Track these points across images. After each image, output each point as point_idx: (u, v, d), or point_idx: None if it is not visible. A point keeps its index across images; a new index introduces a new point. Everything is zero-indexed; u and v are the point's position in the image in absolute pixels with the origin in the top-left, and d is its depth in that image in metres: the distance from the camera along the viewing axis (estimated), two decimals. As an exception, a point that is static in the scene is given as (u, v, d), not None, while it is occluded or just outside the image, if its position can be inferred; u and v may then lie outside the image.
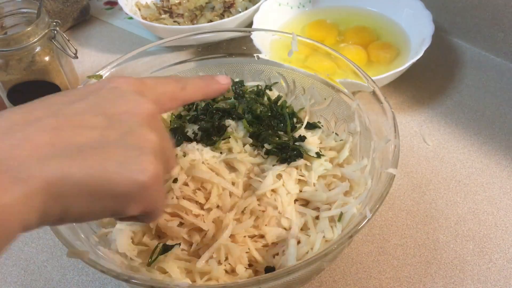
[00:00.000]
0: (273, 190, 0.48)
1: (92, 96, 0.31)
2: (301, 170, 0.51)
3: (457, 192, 0.60)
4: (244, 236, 0.47)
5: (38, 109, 0.29)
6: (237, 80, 0.59)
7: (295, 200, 0.50)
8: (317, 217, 0.49)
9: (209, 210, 0.48)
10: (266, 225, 0.47)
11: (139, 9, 0.89)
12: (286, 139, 0.53)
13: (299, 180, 0.50)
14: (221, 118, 0.55)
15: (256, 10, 0.80)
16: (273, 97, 0.59)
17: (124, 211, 0.29)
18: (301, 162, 0.50)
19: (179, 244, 0.47)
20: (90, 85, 0.34)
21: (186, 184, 0.48)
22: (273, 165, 0.50)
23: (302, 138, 0.52)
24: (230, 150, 0.52)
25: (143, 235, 0.48)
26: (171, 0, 0.91)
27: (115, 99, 0.31)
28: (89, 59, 0.87)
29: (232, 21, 0.80)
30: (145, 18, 0.87)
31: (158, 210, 0.31)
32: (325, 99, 0.58)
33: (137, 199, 0.29)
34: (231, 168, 0.51)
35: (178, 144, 0.52)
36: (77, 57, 0.71)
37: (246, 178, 0.50)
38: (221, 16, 0.86)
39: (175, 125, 0.55)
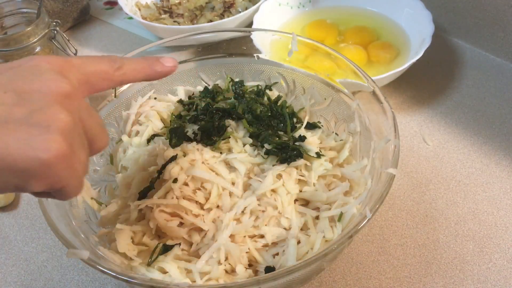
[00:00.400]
0: (273, 190, 0.48)
1: (8, 73, 0.31)
2: (301, 170, 0.51)
3: (457, 192, 0.60)
4: (244, 236, 0.47)
5: None
6: (237, 80, 0.59)
7: (295, 200, 0.50)
8: (317, 217, 0.49)
9: (209, 210, 0.48)
10: (266, 225, 0.47)
11: (139, 9, 0.89)
12: (286, 139, 0.53)
13: (299, 180, 0.50)
14: (221, 118, 0.55)
15: (256, 10, 0.80)
16: (273, 97, 0.59)
17: (26, 187, 0.30)
18: (301, 162, 0.50)
19: (179, 244, 0.47)
20: (10, 62, 0.33)
21: (186, 184, 0.48)
22: (273, 165, 0.50)
23: (302, 138, 0.52)
24: (230, 150, 0.52)
25: (143, 235, 0.48)
26: (171, 0, 0.91)
27: (30, 77, 0.31)
28: (89, 59, 0.87)
29: (232, 21, 0.80)
30: (145, 18, 0.87)
31: (69, 188, 0.31)
32: (325, 99, 0.58)
33: (38, 176, 0.29)
34: (231, 168, 0.51)
35: (178, 144, 0.52)
36: (77, 57, 0.71)
37: (246, 178, 0.50)
38: (221, 16, 0.86)
39: (175, 125, 0.55)
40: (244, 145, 0.52)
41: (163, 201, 0.47)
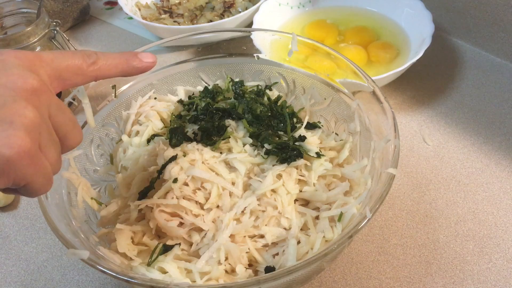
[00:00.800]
0: (273, 190, 0.48)
1: None
2: (301, 170, 0.51)
3: (457, 192, 0.60)
4: (244, 236, 0.47)
5: None
6: (237, 80, 0.59)
7: (295, 200, 0.50)
8: (317, 217, 0.49)
9: (209, 210, 0.48)
10: (266, 225, 0.47)
11: (139, 9, 0.89)
12: (286, 139, 0.53)
13: (299, 180, 0.50)
14: (221, 118, 0.55)
15: (256, 10, 0.80)
16: (273, 97, 0.59)
17: None
18: (301, 162, 0.50)
19: (179, 244, 0.47)
20: None
21: (186, 184, 0.48)
22: (273, 165, 0.50)
23: (302, 138, 0.52)
24: (230, 150, 0.52)
25: (143, 235, 0.48)
26: (171, 0, 0.91)
27: None
28: (89, 59, 0.87)
29: (232, 21, 0.80)
30: (145, 18, 0.87)
31: (35, 185, 0.31)
32: (325, 99, 0.58)
33: (0, 173, 0.29)
34: (231, 168, 0.51)
35: (178, 144, 0.52)
36: (77, 57, 0.71)
37: (246, 178, 0.50)
38: (221, 16, 0.86)
39: (175, 125, 0.55)
40: (244, 145, 0.52)
41: (163, 201, 0.47)
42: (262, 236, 0.47)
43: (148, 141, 0.55)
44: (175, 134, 0.53)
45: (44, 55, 0.34)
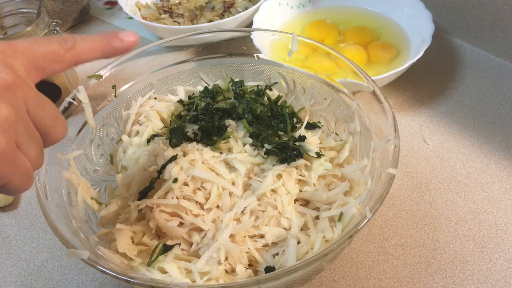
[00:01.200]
0: (273, 190, 0.48)
1: None
2: (301, 170, 0.51)
3: (457, 192, 0.60)
4: (244, 236, 0.47)
5: None
6: (237, 80, 0.59)
7: (295, 200, 0.50)
8: (317, 217, 0.49)
9: (209, 210, 0.48)
10: (266, 225, 0.47)
11: (139, 9, 0.89)
12: (286, 139, 0.53)
13: (299, 180, 0.50)
14: (221, 118, 0.55)
15: (256, 10, 0.80)
16: (273, 97, 0.59)
17: None
18: (301, 162, 0.50)
19: (179, 244, 0.47)
20: None
21: (186, 184, 0.48)
22: (273, 165, 0.50)
23: (302, 138, 0.52)
24: (230, 150, 0.52)
25: (143, 235, 0.48)
26: (171, 0, 0.91)
27: None
28: (89, 59, 0.87)
29: (232, 21, 0.80)
30: (145, 18, 0.87)
31: (14, 185, 0.30)
32: (325, 99, 0.58)
33: None
34: (231, 168, 0.51)
35: (178, 144, 0.52)
36: (77, 57, 0.71)
37: (246, 178, 0.50)
38: (221, 16, 0.86)
39: (175, 125, 0.55)
40: (244, 145, 0.52)
41: (163, 201, 0.47)
42: (262, 236, 0.47)
43: (148, 141, 0.55)
44: (175, 134, 0.53)
45: (19, 44, 0.32)
